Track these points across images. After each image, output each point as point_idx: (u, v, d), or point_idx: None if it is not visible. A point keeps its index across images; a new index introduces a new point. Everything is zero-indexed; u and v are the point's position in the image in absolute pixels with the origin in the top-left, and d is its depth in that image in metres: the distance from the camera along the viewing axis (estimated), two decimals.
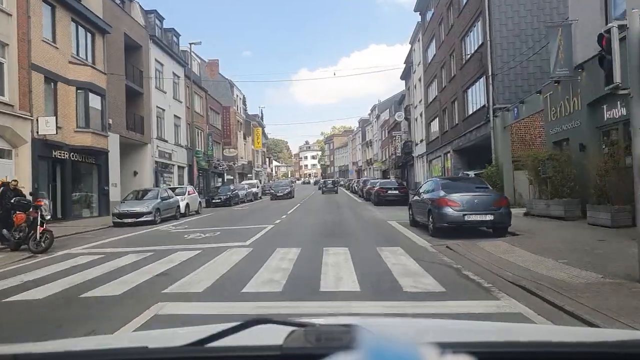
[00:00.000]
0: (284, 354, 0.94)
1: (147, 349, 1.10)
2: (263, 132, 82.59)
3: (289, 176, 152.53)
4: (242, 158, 54.74)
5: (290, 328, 1.02)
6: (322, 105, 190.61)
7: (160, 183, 31.03)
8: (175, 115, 34.09)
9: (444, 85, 31.48)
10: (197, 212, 24.41)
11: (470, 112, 25.82)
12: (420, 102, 40.15)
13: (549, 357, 1.05)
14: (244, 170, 53.90)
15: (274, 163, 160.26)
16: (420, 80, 40.25)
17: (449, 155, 30.20)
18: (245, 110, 62.85)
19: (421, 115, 40.28)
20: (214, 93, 49.21)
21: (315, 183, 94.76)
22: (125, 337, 2.16)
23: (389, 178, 39.99)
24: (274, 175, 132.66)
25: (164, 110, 31.91)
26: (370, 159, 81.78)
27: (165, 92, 32.22)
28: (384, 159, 69.32)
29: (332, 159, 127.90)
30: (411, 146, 45.59)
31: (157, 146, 30.36)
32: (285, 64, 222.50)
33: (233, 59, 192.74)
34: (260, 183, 57.19)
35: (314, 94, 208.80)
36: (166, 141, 32.00)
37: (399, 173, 52.97)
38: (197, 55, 53.89)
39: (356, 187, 44.79)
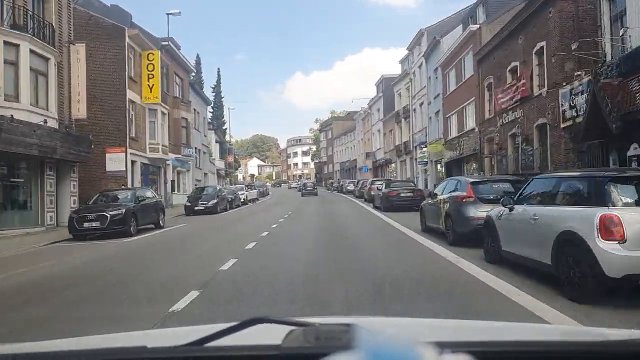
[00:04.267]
0: (282, 354, 0.93)
1: (145, 348, 1.08)
2: (196, 88, 44.57)
3: (274, 178, 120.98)
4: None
5: (289, 327, 1.01)
6: (317, 108, 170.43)
7: None
8: None
9: None
10: None
11: None
12: None
13: (548, 357, 1.03)
14: (42, 152, 15.65)
15: (256, 162, 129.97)
16: None
17: None
18: None
19: None
20: None
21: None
22: (124, 337, 1.74)
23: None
24: (255, 177, 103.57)
25: None
26: (405, 142, 43.70)
27: None
28: (448, 137, 31.46)
29: (329, 153, 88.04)
30: None
31: None
32: (279, 67, 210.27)
33: (225, 61, 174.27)
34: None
35: (308, 97, 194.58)
36: None
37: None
38: None
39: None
